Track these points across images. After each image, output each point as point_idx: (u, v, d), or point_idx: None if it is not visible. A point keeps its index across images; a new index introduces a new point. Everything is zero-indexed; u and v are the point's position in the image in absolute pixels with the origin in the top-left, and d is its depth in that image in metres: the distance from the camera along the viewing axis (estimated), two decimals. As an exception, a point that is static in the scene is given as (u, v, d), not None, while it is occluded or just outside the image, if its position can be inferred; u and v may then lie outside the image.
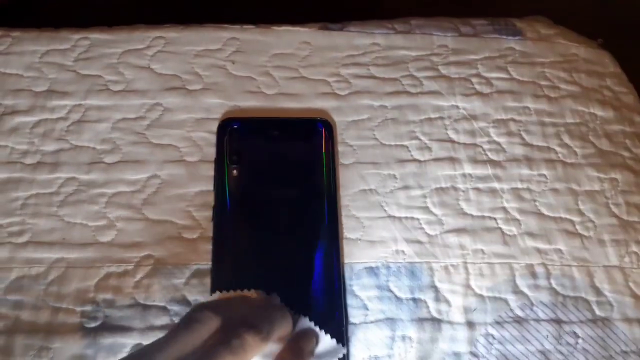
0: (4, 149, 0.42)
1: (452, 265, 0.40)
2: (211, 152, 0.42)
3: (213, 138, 0.43)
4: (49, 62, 0.46)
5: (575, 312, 0.39)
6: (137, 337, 0.37)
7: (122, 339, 0.36)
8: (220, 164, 0.42)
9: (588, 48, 0.50)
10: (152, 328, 0.37)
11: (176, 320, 0.38)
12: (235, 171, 0.42)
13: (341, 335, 0.37)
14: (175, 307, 0.38)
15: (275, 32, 0.48)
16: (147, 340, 0.36)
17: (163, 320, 0.37)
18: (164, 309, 0.38)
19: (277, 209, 0.41)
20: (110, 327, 0.37)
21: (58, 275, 0.39)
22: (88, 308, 0.38)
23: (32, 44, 0.47)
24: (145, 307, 0.38)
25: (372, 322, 0.38)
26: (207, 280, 0.38)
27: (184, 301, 0.38)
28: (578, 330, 0.38)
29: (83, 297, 0.38)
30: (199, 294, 0.38)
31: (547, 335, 0.38)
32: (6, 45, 0.46)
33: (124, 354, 0.36)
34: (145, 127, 0.44)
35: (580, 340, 0.38)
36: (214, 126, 0.43)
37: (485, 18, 0.51)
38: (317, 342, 0.34)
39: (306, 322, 0.34)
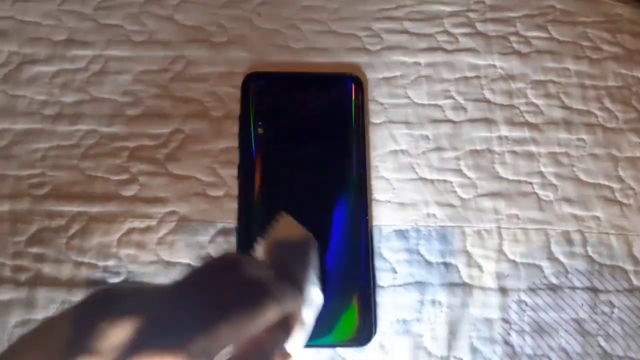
0: (22, 99, 0.41)
1: (485, 230, 0.38)
2: (236, 107, 0.41)
3: (238, 93, 0.41)
4: (68, 10, 0.44)
5: (612, 281, 0.38)
6: (160, 294, 0.36)
7: (146, 295, 0.36)
8: (245, 120, 0.40)
9: (633, 8, 0.47)
10: (176, 285, 0.36)
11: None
12: (260, 128, 0.40)
13: (368, 297, 0.36)
14: (200, 265, 0.37)
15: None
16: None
17: (188, 277, 0.36)
18: (188, 267, 0.37)
19: (303, 167, 0.39)
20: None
21: (79, 228, 0.38)
22: (110, 263, 0.37)
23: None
24: (169, 264, 0.37)
25: (400, 285, 0.37)
26: (233, 239, 0.37)
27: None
28: (614, 300, 0.37)
29: (105, 252, 0.37)
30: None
31: (582, 304, 0.37)
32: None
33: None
34: (168, 79, 0.42)
35: (616, 310, 0.37)
36: (239, 81, 0.41)
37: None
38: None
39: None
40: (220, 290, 0.24)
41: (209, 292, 0.23)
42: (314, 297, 0.32)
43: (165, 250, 0.37)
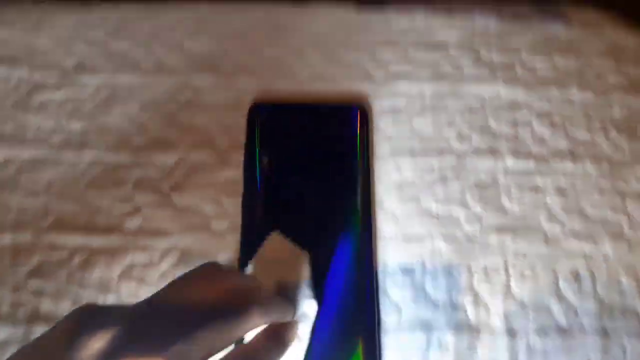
0: (31, 126, 0.41)
1: (492, 267, 0.38)
2: (241, 136, 0.41)
3: (243, 122, 0.41)
4: (78, 36, 0.44)
5: (622, 321, 0.37)
6: (162, 329, 0.35)
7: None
8: (250, 149, 0.40)
9: (638, 37, 0.47)
10: (178, 321, 0.36)
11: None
12: (265, 158, 0.40)
13: (373, 337, 0.35)
14: (202, 300, 0.36)
15: (309, 11, 0.45)
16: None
17: (190, 313, 0.36)
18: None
19: (308, 199, 0.39)
20: (134, 318, 0.36)
21: (81, 261, 0.37)
22: (110, 297, 0.36)
23: (62, 16, 0.45)
24: (171, 299, 0.36)
25: (406, 325, 0.37)
26: (236, 273, 0.37)
27: (211, 293, 0.37)
28: (626, 342, 0.36)
29: (106, 286, 0.37)
30: (227, 287, 0.37)
31: (593, 346, 0.36)
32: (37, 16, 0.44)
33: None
34: (174, 108, 0.42)
35: (628, 352, 0.36)
36: (245, 110, 0.41)
37: (530, 1, 0.48)
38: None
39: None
40: (201, 297, 0.23)
41: (189, 299, 0.23)
42: (308, 310, 0.32)
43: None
